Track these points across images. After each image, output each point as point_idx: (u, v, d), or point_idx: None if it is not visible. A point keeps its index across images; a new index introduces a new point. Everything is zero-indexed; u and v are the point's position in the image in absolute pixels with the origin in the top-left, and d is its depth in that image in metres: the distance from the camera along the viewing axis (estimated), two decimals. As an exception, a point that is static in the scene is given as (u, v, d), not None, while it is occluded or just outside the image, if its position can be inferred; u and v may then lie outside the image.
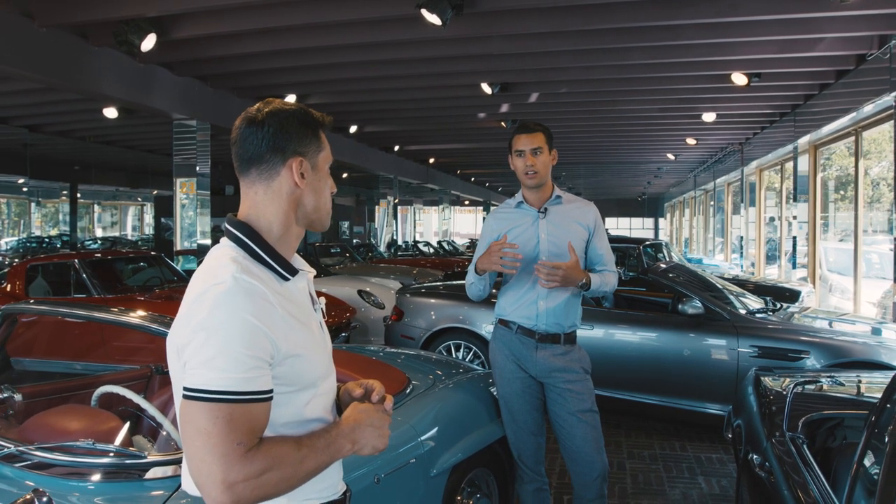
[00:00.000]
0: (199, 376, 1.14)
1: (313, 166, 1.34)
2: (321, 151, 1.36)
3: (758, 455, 2.33)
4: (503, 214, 3.03)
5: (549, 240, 2.87)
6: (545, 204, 2.93)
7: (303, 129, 1.32)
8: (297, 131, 1.32)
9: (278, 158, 1.31)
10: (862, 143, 8.68)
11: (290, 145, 1.31)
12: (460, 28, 6.30)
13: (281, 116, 1.31)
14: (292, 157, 1.31)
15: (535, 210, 2.92)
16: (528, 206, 2.95)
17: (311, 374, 1.30)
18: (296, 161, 1.31)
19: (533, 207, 2.93)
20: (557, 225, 2.89)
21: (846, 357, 4.55)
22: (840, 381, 2.88)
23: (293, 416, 1.28)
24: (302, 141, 1.32)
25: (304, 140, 1.33)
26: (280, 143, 1.30)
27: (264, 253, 1.29)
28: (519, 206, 2.98)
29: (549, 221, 2.90)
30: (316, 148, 1.35)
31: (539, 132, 2.88)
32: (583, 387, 2.87)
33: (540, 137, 2.87)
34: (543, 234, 2.88)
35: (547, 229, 2.89)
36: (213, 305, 1.16)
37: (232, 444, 1.13)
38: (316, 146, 1.35)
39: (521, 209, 2.97)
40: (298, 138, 1.32)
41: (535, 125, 2.91)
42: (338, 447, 1.28)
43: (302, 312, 1.31)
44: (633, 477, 4.30)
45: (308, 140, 1.33)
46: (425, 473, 2.39)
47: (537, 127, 2.90)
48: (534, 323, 2.87)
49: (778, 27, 6.56)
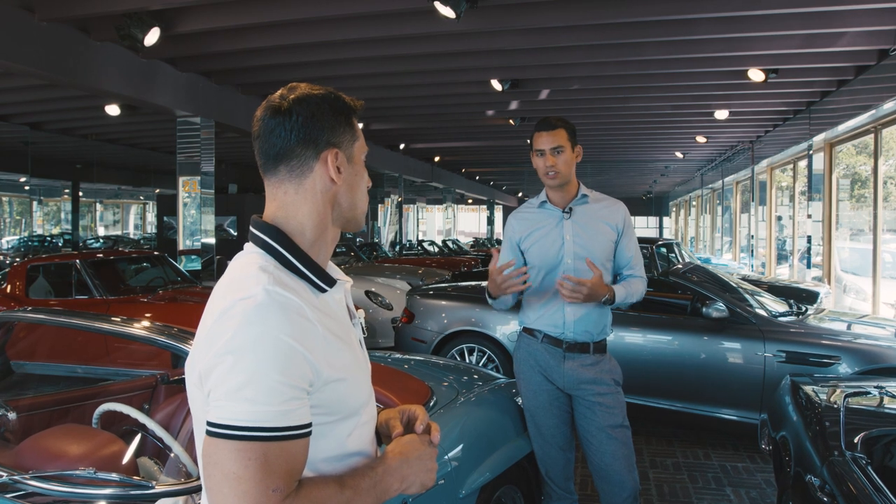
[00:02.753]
0: (227, 409, 0.96)
1: (349, 158, 1.17)
2: (356, 140, 1.19)
3: (815, 477, 2.15)
4: (525, 215, 2.84)
5: (574, 241, 2.69)
6: (570, 203, 2.74)
7: (336, 116, 1.15)
8: (331, 119, 1.14)
9: (311, 152, 1.13)
10: (882, 141, 8.49)
11: (324, 136, 1.13)
12: (473, 22, 6.14)
13: (310, 103, 1.13)
14: (326, 148, 1.13)
15: (559, 210, 2.74)
16: (551, 206, 2.77)
17: (354, 400, 1.12)
18: (331, 153, 1.14)
19: (557, 207, 2.75)
20: (583, 226, 2.71)
21: (879, 363, 4.37)
22: (890, 391, 2.69)
23: (334, 450, 1.10)
24: (335, 130, 1.15)
25: (338, 129, 1.15)
26: (312, 133, 1.12)
27: (298, 261, 1.11)
28: (542, 206, 2.79)
29: (575, 222, 2.71)
30: (351, 137, 1.17)
31: (561, 129, 2.68)
32: (613, 400, 2.69)
33: (561, 135, 2.67)
34: (568, 235, 2.70)
35: (572, 230, 2.70)
36: (241, 324, 0.98)
37: (267, 490, 0.95)
38: (350, 135, 1.17)
39: (545, 209, 2.78)
40: (332, 127, 1.14)
41: (557, 121, 2.71)
42: (385, 487, 1.11)
43: (342, 329, 1.13)
44: (659, 487, 4.13)
45: (342, 129, 1.16)
46: (454, 495, 2.22)
47: (559, 123, 2.70)
48: (561, 331, 2.70)
49: (798, 21, 6.36)
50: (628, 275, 2.76)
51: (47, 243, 20.84)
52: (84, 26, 6.74)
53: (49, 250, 18.64)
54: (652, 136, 14.39)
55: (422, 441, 1.19)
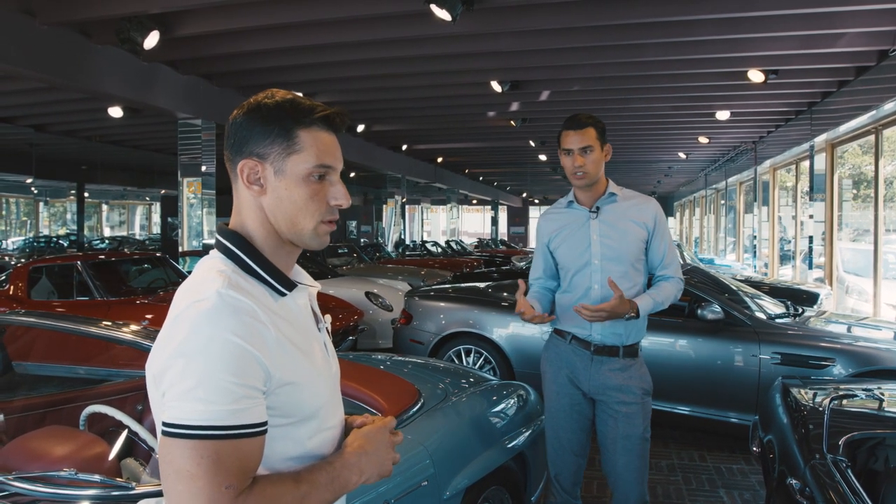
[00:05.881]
0: (179, 409, 0.97)
1: (277, 171, 1.11)
2: (292, 153, 1.11)
3: (796, 480, 2.16)
4: (554, 215, 2.78)
5: (601, 241, 2.62)
6: (597, 202, 2.66)
7: (266, 125, 1.11)
8: (259, 129, 1.11)
9: (236, 160, 1.13)
10: (882, 142, 8.47)
11: (247, 146, 1.12)
12: (470, 24, 6.15)
13: (249, 110, 1.12)
14: (245, 158, 1.12)
15: (586, 210, 2.68)
16: (578, 205, 2.70)
17: (310, 403, 1.13)
18: (247, 164, 1.12)
19: (584, 207, 2.69)
20: (611, 225, 2.63)
21: (874, 365, 4.37)
22: (877, 394, 2.69)
23: (294, 452, 1.11)
24: (260, 141, 1.11)
25: (265, 140, 1.11)
26: (239, 141, 1.12)
27: (257, 265, 1.11)
28: (570, 205, 2.73)
29: (602, 221, 2.64)
30: (284, 149, 1.11)
31: (590, 127, 2.59)
32: (637, 410, 2.63)
33: (591, 134, 2.58)
34: (595, 235, 2.63)
35: (599, 230, 2.63)
36: (192, 326, 1.00)
37: (220, 487, 0.96)
38: (285, 147, 1.11)
39: (572, 209, 2.72)
40: (259, 137, 1.11)
41: (587, 119, 2.60)
42: (343, 481, 1.12)
43: (300, 334, 1.14)
44: (652, 489, 4.13)
45: (271, 139, 1.10)
46: (438, 496, 2.23)
47: (588, 121, 2.60)
48: (588, 333, 2.64)
49: (798, 22, 6.36)
50: (661, 276, 2.68)
51: (53, 244, 20.92)
52: (85, 30, 6.79)
53: (54, 251, 18.71)
54: (654, 137, 14.38)
55: (379, 431, 1.20)
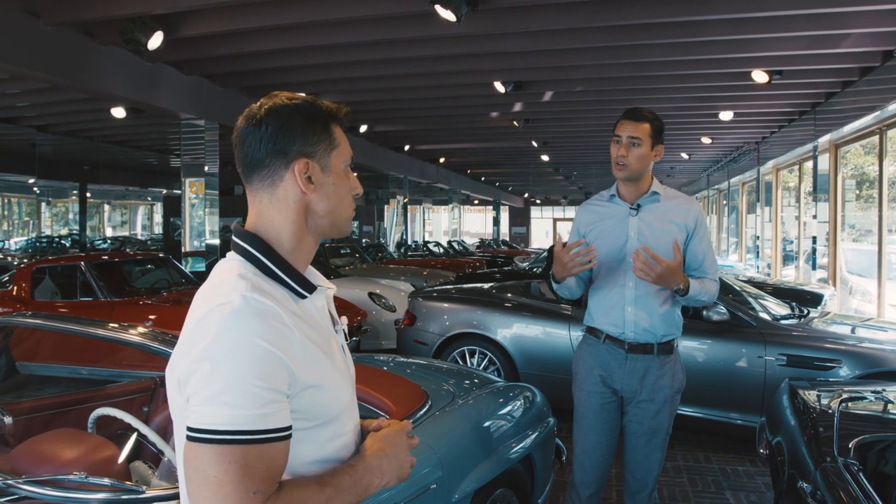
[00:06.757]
0: (206, 414, 0.97)
1: (325, 167, 1.16)
2: (334, 149, 1.17)
3: (807, 483, 2.15)
4: (594, 207, 2.77)
5: (638, 239, 2.59)
6: (639, 200, 2.65)
7: (308, 125, 1.14)
8: (302, 128, 1.13)
9: (280, 162, 1.13)
10: (886, 143, 8.45)
11: (294, 146, 1.13)
12: (474, 25, 6.14)
13: (281, 113, 1.12)
14: (296, 158, 1.13)
15: (627, 205, 2.66)
16: (620, 200, 2.69)
17: (333, 406, 1.14)
18: (300, 163, 1.13)
19: (625, 202, 2.67)
20: (650, 224, 2.61)
21: (881, 367, 4.36)
22: (887, 396, 2.69)
23: (315, 455, 1.12)
24: (308, 140, 1.14)
25: (311, 138, 1.14)
26: (281, 143, 1.12)
27: (277, 268, 1.12)
28: (611, 199, 2.72)
29: (642, 220, 2.62)
30: (327, 146, 1.16)
31: (646, 123, 2.57)
32: (665, 408, 2.64)
33: (644, 128, 2.56)
34: (633, 232, 2.62)
35: (637, 228, 2.62)
36: (219, 330, 0.99)
37: (247, 493, 0.96)
38: (327, 143, 1.16)
39: (613, 203, 2.71)
40: (304, 137, 1.14)
41: (648, 113, 2.59)
42: (366, 483, 1.12)
43: (321, 336, 1.14)
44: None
45: (316, 138, 1.15)
46: (447, 499, 2.22)
47: (647, 116, 2.58)
48: (621, 331, 2.62)
49: (803, 23, 6.33)
50: (699, 277, 2.65)
51: (55, 244, 20.92)
52: (88, 30, 6.78)
53: (57, 251, 18.71)
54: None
55: (397, 434, 1.21)
